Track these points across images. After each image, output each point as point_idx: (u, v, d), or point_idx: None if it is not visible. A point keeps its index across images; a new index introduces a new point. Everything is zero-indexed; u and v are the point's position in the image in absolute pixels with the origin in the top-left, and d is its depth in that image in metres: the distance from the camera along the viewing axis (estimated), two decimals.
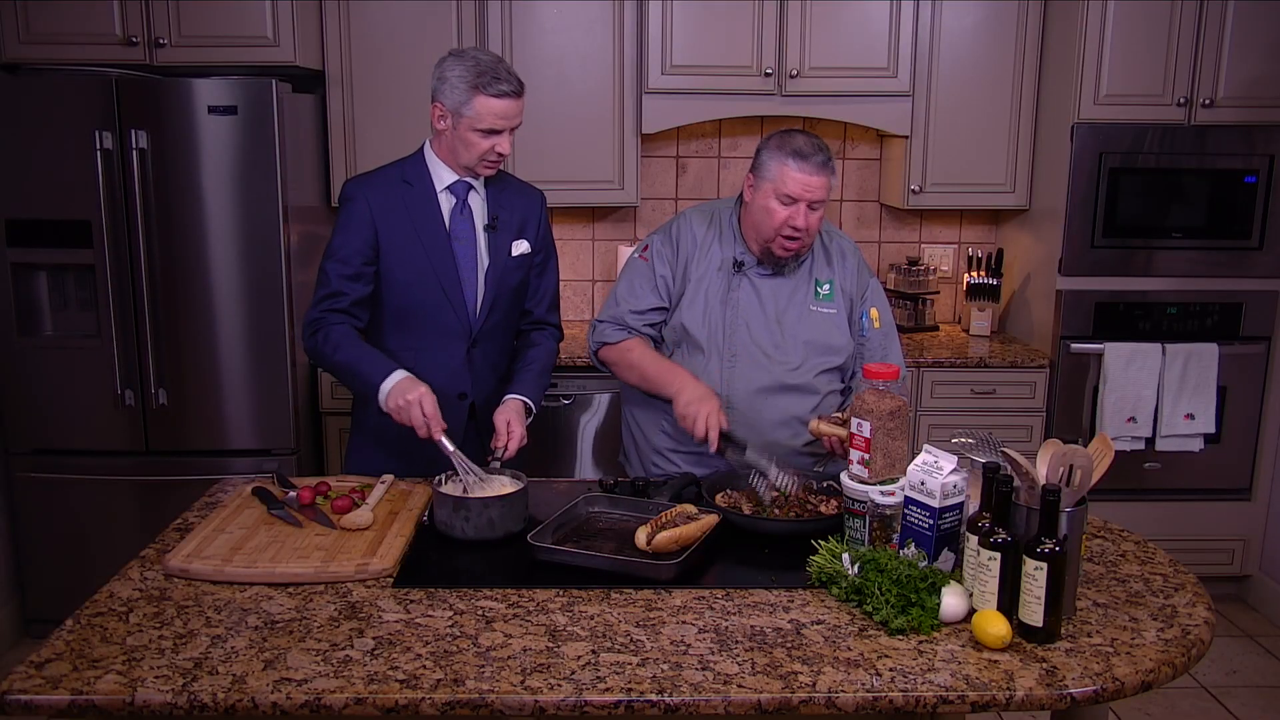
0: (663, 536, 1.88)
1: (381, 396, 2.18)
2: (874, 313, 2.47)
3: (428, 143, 2.39)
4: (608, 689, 1.50)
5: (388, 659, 1.57)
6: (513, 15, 3.60)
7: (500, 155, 2.29)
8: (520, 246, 2.43)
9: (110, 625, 1.67)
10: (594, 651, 1.60)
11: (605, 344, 2.48)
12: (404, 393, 2.14)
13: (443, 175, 2.35)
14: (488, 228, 2.39)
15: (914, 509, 1.78)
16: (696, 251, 2.43)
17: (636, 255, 2.51)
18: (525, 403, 2.37)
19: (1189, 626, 1.70)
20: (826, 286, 2.43)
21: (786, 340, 2.39)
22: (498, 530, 2.00)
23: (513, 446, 2.26)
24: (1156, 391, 3.59)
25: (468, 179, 2.36)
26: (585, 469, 3.63)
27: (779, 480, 2.12)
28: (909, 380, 3.59)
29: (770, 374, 2.38)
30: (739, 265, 2.40)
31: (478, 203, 2.40)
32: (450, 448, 2.12)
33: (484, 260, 2.39)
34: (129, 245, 3.24)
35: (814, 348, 2.40)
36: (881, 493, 1.84)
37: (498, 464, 2.21)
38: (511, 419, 2.29)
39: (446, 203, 2.36)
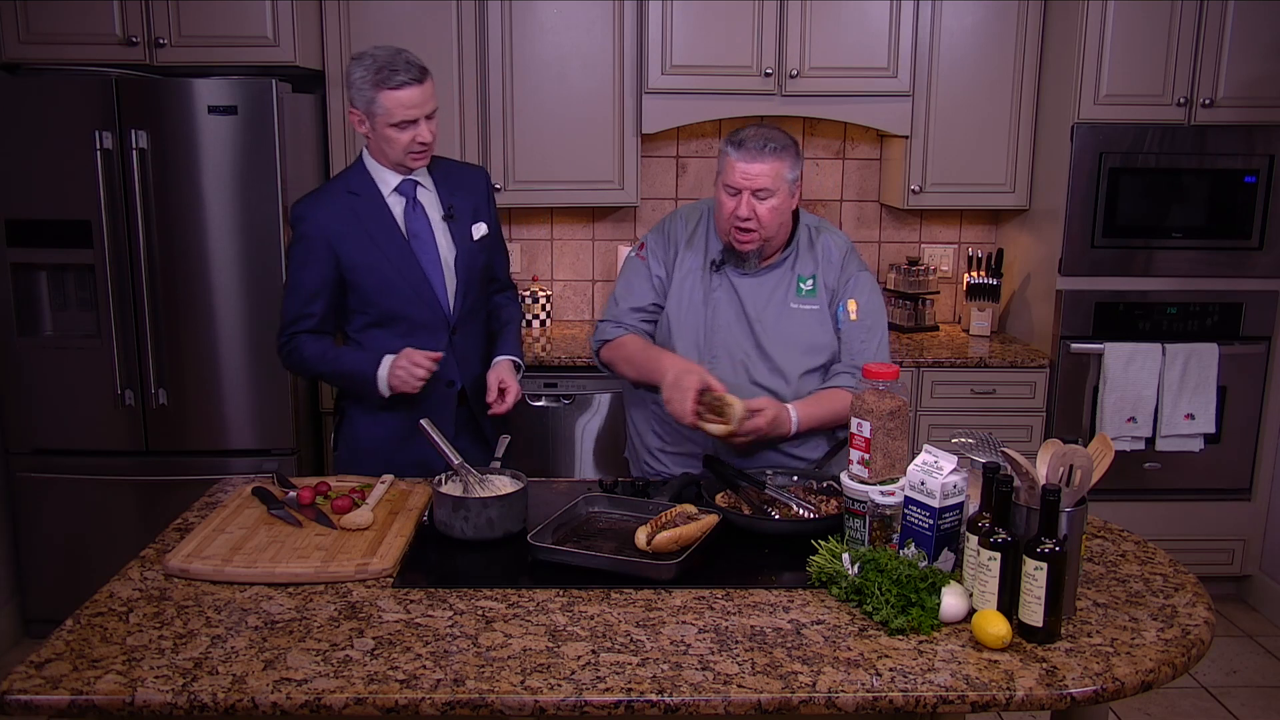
0: (663, 536, 1.88)
1: (381, 385, 2.31)
2: (851, 304, 2.38)
3: (365, 150, 2.41)
4: (608, 689, 1.50)
5: (388, 659, 1.57)
6: (513, 15, 3.60)
7: (423, 145, 2.32)
8: (480, 230, 2.48)
9: (110, 625, 1.67)
10: (594, 651, 1.60)
11: (605, 342, 2.48)
12: (398, 367, 2.28)
13: (387, 179, 2.38)
14: (446, 218, 2.43)
15: (914, 509, 1.78)
16: (682, 249, 2.43)
17: (634, 254, 2.51)
18: (514, 361, 2.50)
19: (1189, 626, 1.70)
20: (809, 283, 2.38)
21: (768, 341, 2.36)
22: (497, 530, 2.00)
23: (510, 400, 2.39)
24: (1156, 391, 3.59)
25: (413, 177, 2.39)
26: (585, 469, 3.63)
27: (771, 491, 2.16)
28: (908, 380, 3.59)
29: (751, 376, 2.36)
30: (715, 264, 2.38)
31: (428, 197, 2.43)
32: (438, 439, 2.13)
33: (449, 251, 2.43)
34: (129, 245, 3.24)
35: (797, 347, 2.36)
36: (881, 493, 1.84)
37: (498, 463, 2.22)
38: (504, 376, 2.42)
39: (397, 204, 2.39)
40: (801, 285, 2.38)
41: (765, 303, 2.37)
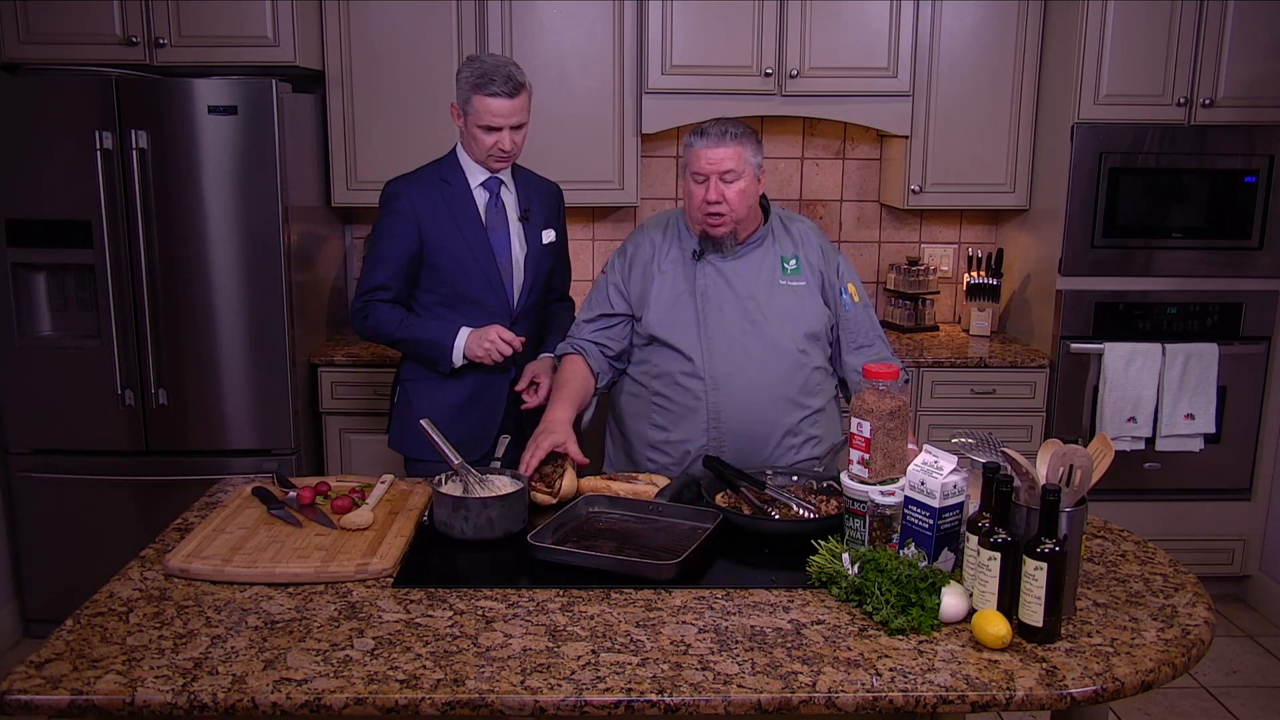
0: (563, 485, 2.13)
1: (458, 353, 2.54)
2: (851, 288, 2.49)
3: (458, 144, 2.61)
4: (608, 689, 1.50)
5: (388, 659, 1.57)
6: (513, 15, 3.60)
7: (504, 151, 2.53)
8: (549, 235, 2.73)
9: (110, 625, 1.67)
10: (594, 651, 1.60)
11: (560, 355, 2.57)
12: (481, 339, 2.50)
13: (475, 173, 2.62)
14: (522, 219, 2.65)
15: (914, 509, 1.78)
16: (656, 255, 2.48)
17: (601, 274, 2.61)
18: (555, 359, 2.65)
19: (1189, 626, 1.70)
20: (793, 262, 2.44)
21: (763, 317, 2.40)
22: (497, 530, 2.00)
23: (541, 394, 2.55)
24: (1156, 391, 3.59)
25: (498, 176, 2.62)
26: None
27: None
28: (909, 380, 3.59)
29: (749, 353, 2.38)
30: (696, 254, 2.43)
31: (509, 197, 2.67)
32: (438, 440, 2.14)
33: (520, 249, 2.65)
34: (129, 245, 3.24)
35: (792, 321, 2.41)
36: (881, 493, 1.84)
37: (498, 463, 2.22)
38: (540, 371, 2.61)
39: (480, 198, 2.62)
40: (785, 265, 2.44)
41: (755, 281, 2.42)
